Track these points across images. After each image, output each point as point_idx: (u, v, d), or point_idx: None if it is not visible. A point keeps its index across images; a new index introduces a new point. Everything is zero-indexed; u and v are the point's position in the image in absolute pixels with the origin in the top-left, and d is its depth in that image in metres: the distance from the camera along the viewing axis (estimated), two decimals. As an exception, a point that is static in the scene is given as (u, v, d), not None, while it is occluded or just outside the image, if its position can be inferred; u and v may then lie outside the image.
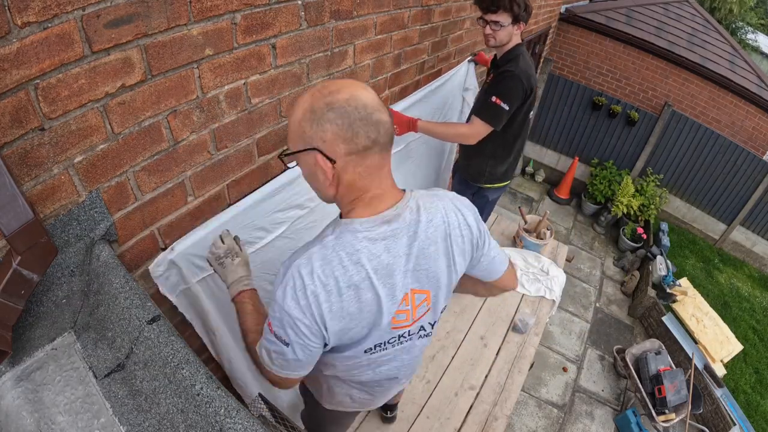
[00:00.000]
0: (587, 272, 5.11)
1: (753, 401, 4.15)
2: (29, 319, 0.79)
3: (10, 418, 0.71)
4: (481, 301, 2.70)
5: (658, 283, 4.60)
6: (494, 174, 2.15)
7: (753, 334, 4.95)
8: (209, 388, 0.71)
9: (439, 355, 2.35)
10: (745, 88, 5.10)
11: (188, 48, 0.93)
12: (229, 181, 1.23)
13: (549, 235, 3.36)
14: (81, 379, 0.77)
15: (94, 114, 0.81)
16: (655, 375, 3.46)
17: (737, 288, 5.58)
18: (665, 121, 5.40)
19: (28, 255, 0.75)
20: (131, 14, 0.79)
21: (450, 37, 2.22)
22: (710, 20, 5.83)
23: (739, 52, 5.49)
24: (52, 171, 0.79)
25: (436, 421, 2.04)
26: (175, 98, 0.96)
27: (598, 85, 5.80)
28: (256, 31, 1.08)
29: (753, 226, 5.78)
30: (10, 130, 0.70)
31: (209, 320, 1.30)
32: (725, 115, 5.40)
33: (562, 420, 3.50)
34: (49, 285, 0.81)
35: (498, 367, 2.34)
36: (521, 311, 2.67)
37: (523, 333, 2.54)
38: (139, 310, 0.80)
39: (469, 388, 2.21)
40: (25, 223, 0.72)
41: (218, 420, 0.68)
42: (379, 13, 1.53)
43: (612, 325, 4.52)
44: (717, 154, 5.38)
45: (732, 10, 13.33)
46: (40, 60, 0.70)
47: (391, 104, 1.93)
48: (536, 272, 2.96)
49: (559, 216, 5.97)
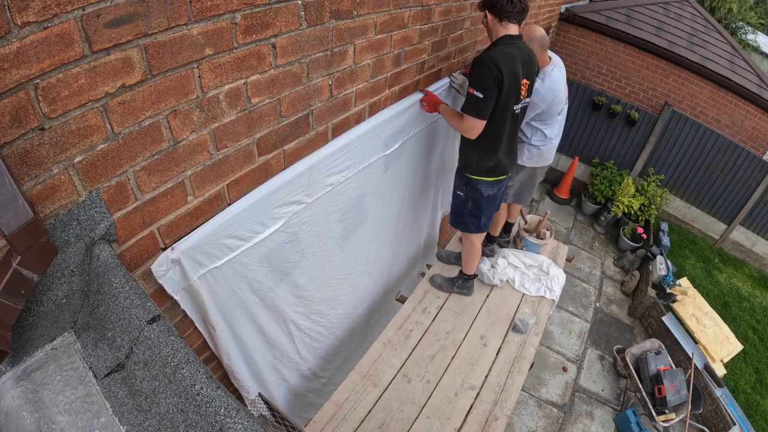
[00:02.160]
0: (587, 272, 5.11)
1: (753, 401, 4.15)
2: (29, 318, 0.79)
3: (10, 418, 0.71)
4: (481, 301, 2.70)
5: (658, 283, 4.60)
6: (481, 167, 2.13)
7: (753, 334, 4.95)
8: (209, 388, 0.71)
9: (439, 355, 2.35)
10: (745, 88, 5.10)
11: (188, 48, 0.93)
12: (229, 180, 1.23)
13: (549, 235, 3.36)
14: (81, 379, 0.77)
15: (94, 114, 0.81)
16: (655, 375, 3.46)
17: (737, 288, 5.58)
18: (665, 121, 5.40)
19: (28, 255, 0.75)
20: (131, 14, 0.79)
21: (450, 36, 2.22)
22: (710, 20, 5.83)
23: (739, 52, 5.49)
24: (52, 171, 0.79)
25: (436, 420, 2.04)
26: (175, 98, 0.96)
27: (598, 84, 5.79)
28: (256, 31, 1.08)
29: (753, 226, 5.78)
30: (10, 130, 0.70)
31: (209, 315, 1.31)
32: (725, 114, 5.40)
33: (562, 420, 3.50)
34: (49, 285, 0.81)
35: (498, 367, 2.34)
36: (521, 311, 2.67)
37: (523, 333, 2.54)
38: (139, 309, 0.80)
39: (469, 387, 2.21)
40: (25, 223, 0.72)
41: (218, 420, 0.68)
42: (379, 12, 1.53)
43: (612, 324, 4.52)
44: (717, 153, 5.38)
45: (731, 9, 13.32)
46: (40, 60, 0.70)
47: (391, 104, 1.94)
48: (537, 272, 2.96)
49: (559, 216, 5.97)
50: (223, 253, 1.27)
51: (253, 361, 1.68)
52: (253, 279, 1.47)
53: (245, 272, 1.42)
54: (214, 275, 1.28)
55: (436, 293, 2.70)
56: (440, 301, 2.66)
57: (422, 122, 2.24)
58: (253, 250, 1.39)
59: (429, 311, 2.58)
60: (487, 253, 3.01)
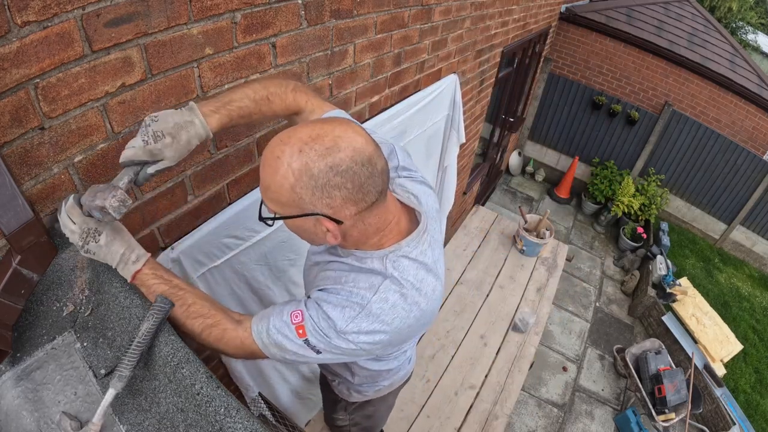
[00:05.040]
0: (587, 272, 5.11)
1: (753, 401, 4.15)
2: (29, 318, 0.79)
3: (10, 418, 0.71)
4: (482, 300, 2.70)
5: (658, 283, 4.60)
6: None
7: (753, 334, 4.95)
8: (209, 388, 0.71)
9: (439, 355, 2.35)
10: (746, 88, 5.10)
11: (188, 47, 0.93)
12: (230, 180, 1.23)
13: (549, 234, 3.37)
14: (81, 379, 0.77)
15: (94, 113, 0.81)
16: (655, 374, 3.46)
17: (737, 288, 5.58)
18: (665, 121, 5.40)
19: (28, 254, 0.75)
20: (131, 13, 0.79)
21: (450, 36, 2.21)
22: (710, 20, 5.83)
23: (740, 52, 5.48)
24: (52, 170, 0.79)
25: (437, 420, 2.04)
26: (175, 97, 0.95)
27: (598, 84, 5.79)
28: (256, 30, 1.07)
29: (753, 226, 5.79)
30: (10, 130, 0.70)
31: None
32: (725, 114, 5.40)
33: (562, 419, 3.50)
34: (49, 284, 0.81)
35: (498, 367, 2.34)
36: (521, 310, 2.67)
37: (523, 332, 2.54)
38: (140, 309, 0.80)
39: (469, 387, 2.21)
40: (25, 223, 0.72)
41: (218, 419, 0.68)
42: (379, 12, 1.53)
43: (612, 324, 4.52)
44: (717, 153, 5.38)
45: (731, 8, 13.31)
46: (40, 59, 0.69)
47: (391, 104, 1.93)
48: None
49: (559, 215, 5.97)
50: (222, 252, 1.28)
51: (253, 361, 1.68)
52: (251, 277, 1.47)
53: (244, 271, 1.42)
54: (213, 274, 1.28)
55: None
56: (440, 300, 2.67)
57: (423, 123, 2.24)
58: (252, 249, 1.39)
59: (429, 311, 2.58)
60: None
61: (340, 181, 0.65)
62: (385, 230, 0.78)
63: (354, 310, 0.75)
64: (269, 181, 0.67)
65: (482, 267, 3.27)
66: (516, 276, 3.24)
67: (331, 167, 0.64)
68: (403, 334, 0.80)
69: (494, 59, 3.21)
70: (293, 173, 0.64)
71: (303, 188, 0.65)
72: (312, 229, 0.72)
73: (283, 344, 0.77)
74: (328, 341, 0.75)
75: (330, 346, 0.76)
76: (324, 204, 0.67)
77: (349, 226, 0.72)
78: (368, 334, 0.76)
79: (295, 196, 0.66)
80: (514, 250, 3.54)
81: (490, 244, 3.55)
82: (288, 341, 0.77)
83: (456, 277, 3.06)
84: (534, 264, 3.43)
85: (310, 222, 0.71)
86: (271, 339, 0.78)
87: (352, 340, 0.75)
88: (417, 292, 0.78)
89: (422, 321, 0.83)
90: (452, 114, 2.57)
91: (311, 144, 0.64)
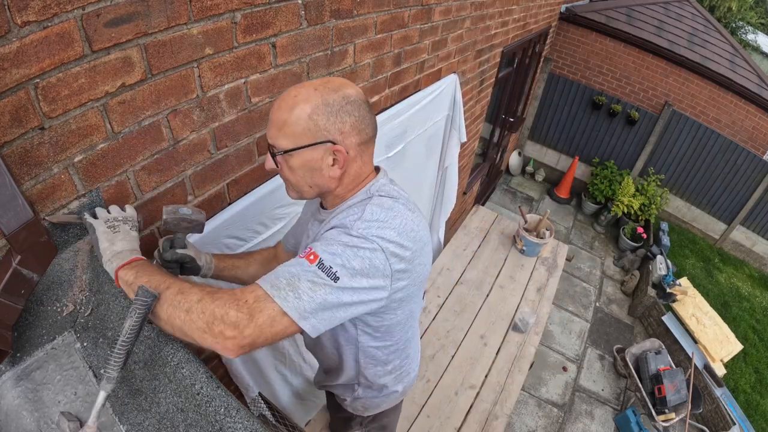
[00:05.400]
0: (587, 271, 5.11)
1: (753, 401, 4.15)
2: (29, 318, 0.79)
3: (10, 418, 0.71)
4: (482, 300, 2.70)
5: (658, 283, 4.60)
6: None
7: (753, 334, 4.95)
8: (209, 388, 0.71)
9: (439, 355, 2.35)
10: (746, 88, 5.10)
11: (188, 47, 0.93)
12: (230, 180, 1.23)
13: (549, 234, 3.37)
14: (81, 379, 0.77)
15: (94, 113, 0.81)
16: (654, 374, 3.46)
17: (737, 287, 5.58)
18: (665, 121, 5.40)
19: (28, 254, 0.75)
20: (131, 13, 0.79)
21: (450, 36, 2.21)
22: (710, 20, 5.83)
23: (740, 52, 5.48)
24: (52, 170, 0.79)
25: (437, 420, 2.04)
26: (175, 97, 0.95)
27: (598, 84, 5.79)
28: (256, 30, 1.07)
29: (753, 226, 5.78)
30: (10, 130, 0.70)
31: None
32: (725, 114, 5.40)
33: (562, 419, 3.50)
34: (49, 284, 0.81)
35: (498, 367, 2.34)
36: (521, 310, 2.67)
37: (523, 332, 2.54)
38: (139, 309, 0.80)
39: (469, 387, 2.21)
40: (25, 223, 0.72)
41: (218, 419, 0.68)
42: (379, 12, 1.53)
43: (612, 324, 4.52)
44: (717, 153, 5.38)
45: (731, 8, 13.31)
46: (40, 59, 0.69)
47: (391, 104, 1.93)
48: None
49: (559, 215, 5.97)
50: (222, 252, 1.27)
51: (254, 361, 1.68)
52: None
53: None
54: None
55: (436, 292, 2.70)
56: (440, 300, 2.67)
57: (423, 123, 2.24)
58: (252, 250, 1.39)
59: (429, 310, 2.59)
60: None
61: (351, 108, 0.78)
62: (366, 179, 0.89)
63: (355, 215, 0.80)
64: (286, 116, 0.77)
65: (482, 267, 3.27)
66: (516, 276, 3.24)
67: (343, 97, 0.78)
68: (408, 236, 0.79)
69: (494, 59, 3.21)
70: (310, 105, 0.76)
71: (319, 114, 0.76)
72: (318, 164, 0.80)
73: (295, 276, 0.71)
74: (343, 249, 0.73)
75: (345, 258, 0.72)
76: (336, 129, 0.78)
77: (351, 158, 0.82)
78: (378, 228, 0.77)
79: (311, 123, 0.77)
80: (514, 250, 3.55)
81: (490, 244, 3.56)
82: (300, 269, 0.72)
83: (456, 277, 3.07)
84: (534, 264, 3.43)
85: (319, 152, 0.79)
86: (279, 277, 0.72)
87: (366, 235, 0.75)
88: (405, 200, 0.88)
89: (421, 231, 0.84)
90: (452, 114, 2.58)
91: (324, 85, 0.78)
